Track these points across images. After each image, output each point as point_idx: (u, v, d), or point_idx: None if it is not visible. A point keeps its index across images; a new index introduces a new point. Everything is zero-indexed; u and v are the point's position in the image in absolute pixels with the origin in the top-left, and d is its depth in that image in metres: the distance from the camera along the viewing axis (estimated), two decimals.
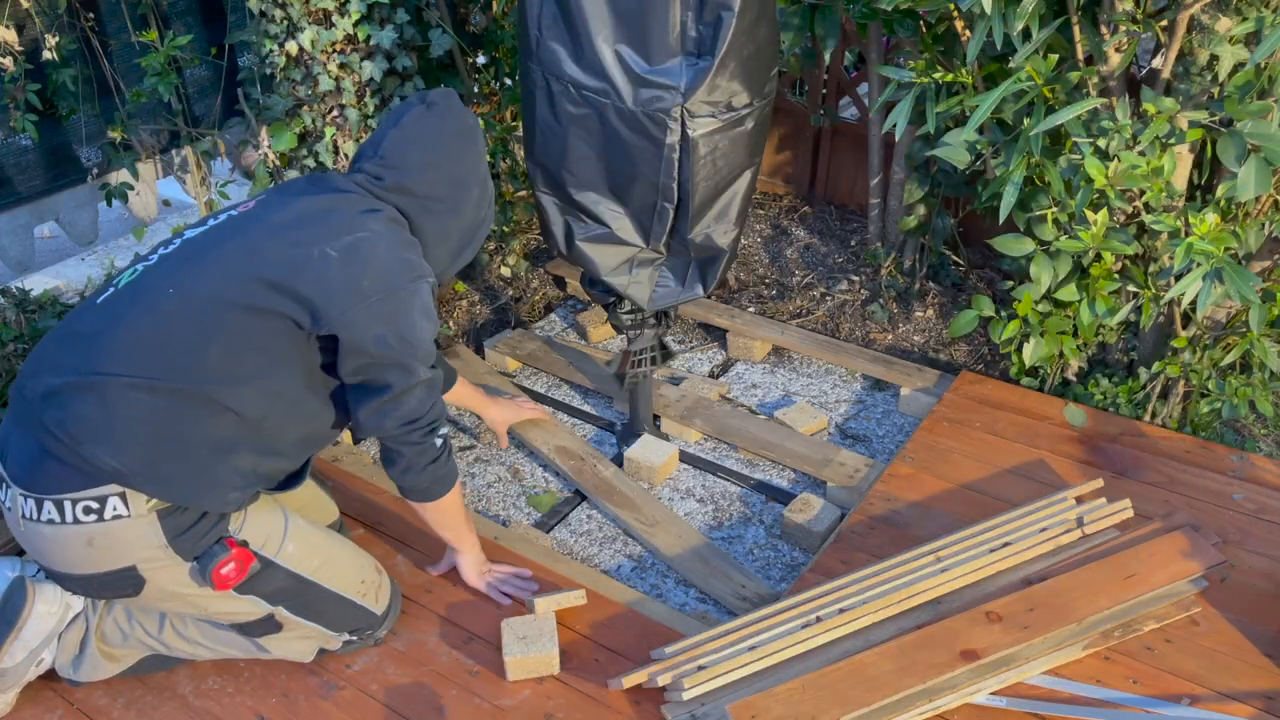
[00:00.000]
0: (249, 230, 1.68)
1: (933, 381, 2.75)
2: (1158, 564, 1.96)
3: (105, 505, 1.58)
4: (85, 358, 1.59)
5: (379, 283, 1.65)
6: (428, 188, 1.78)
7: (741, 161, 2.16)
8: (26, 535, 1.62)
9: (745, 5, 1.94)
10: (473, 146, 1.83)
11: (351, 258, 1.64)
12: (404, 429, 1.73)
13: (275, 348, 1.63)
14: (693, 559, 2.27)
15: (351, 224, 1.67)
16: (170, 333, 1.59)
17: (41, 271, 3.13)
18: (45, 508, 1.58)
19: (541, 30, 2.06)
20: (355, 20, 2.56)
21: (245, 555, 1.68)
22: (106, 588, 1.66)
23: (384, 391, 1.69)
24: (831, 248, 3.45)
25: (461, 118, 1.81)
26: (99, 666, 1.82)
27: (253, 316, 1.61)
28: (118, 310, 1.63)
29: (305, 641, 1.86)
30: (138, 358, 1.58)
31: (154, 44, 2.71)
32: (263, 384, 1.64)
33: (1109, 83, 2.31)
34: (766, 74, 2.11)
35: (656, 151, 2.06)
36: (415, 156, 1.76)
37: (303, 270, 1.61)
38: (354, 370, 1.68)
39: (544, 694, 1.85)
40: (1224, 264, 2.03)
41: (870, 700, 1.72)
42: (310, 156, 2.75)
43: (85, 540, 1.59)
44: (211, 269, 1.63)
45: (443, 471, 1.83)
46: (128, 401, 1.56)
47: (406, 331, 1.67)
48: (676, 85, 1.99)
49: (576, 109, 2.07)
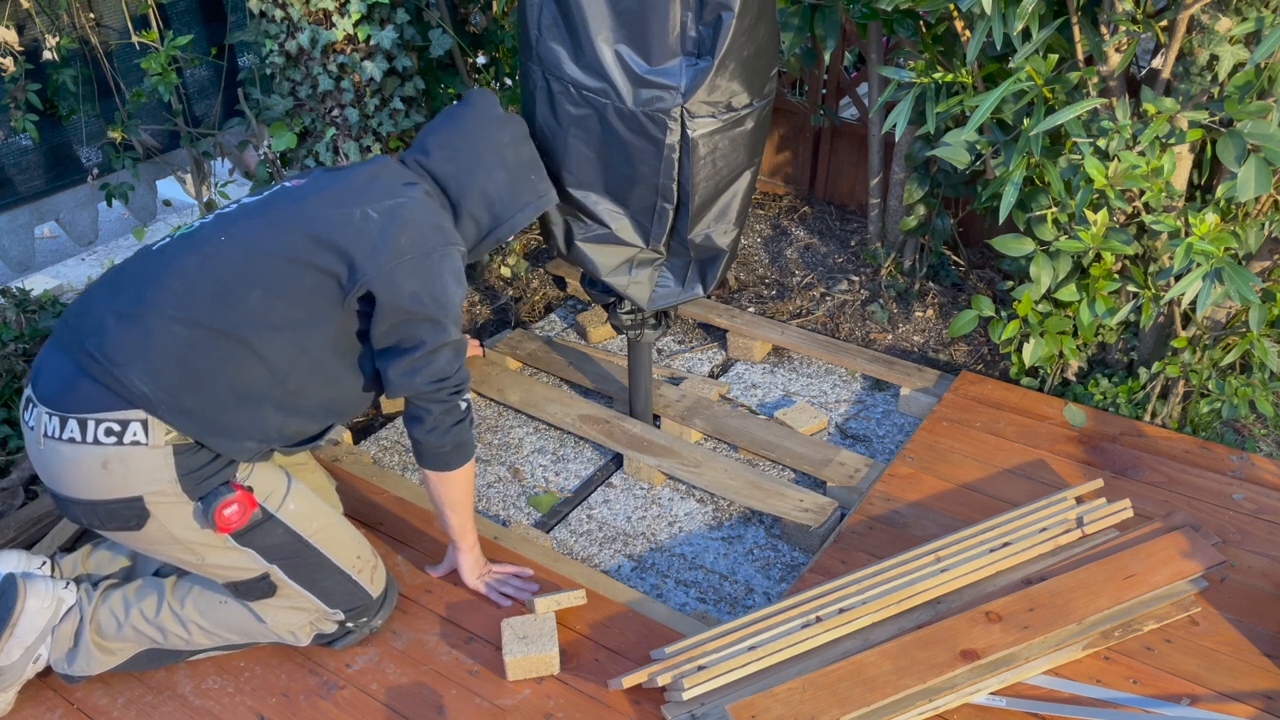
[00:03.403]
0: (299, 195, 1.79)
1: (933, 381, 2.75)
2: (1158, 564, 1.96)
3: (126, 429, 1.63)
4: (134, 294, 1.67)
5: (415, 243, 1.75)
6: (446, 168, 1.90)
7: (741, 162, 2.16)
8: (44, 454, 1.66)
9: (745, 6, 1.94)
10: (495, 132, 1.94)
11: (391, 219, 1.75)
12: (434, 385, 1.79)
13: (312, 303, 1.71)
14: (748, 487, 2.40)
15: (392, 191, 1.80)
16: (215, 273, 1.68)
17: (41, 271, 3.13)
18: (69, 425, 1.63)
19: (541, 30, 2.06)
20: (355, 20, 2.56)
21: (248, 499, 1.72)
22: (112, 517, 1.69)
23: (416, 349, 1.77)
24: (831, 248, 3.45)
25: (486, 108, 1.96)
26: (93, 659, 1.82)
27: (295, 268, 1.70)
28: (169, 255, 1.72)
29: (300, 613, 1.86)
30: (181, 292, 1.66)
31: (154, 44, 2.71)
32: (294, 335, 1.71)
33: (1109, 83, 2.31)
34: (766, 74, 2.11)
35: (656, 152, 2.06)
36: (436, 140, 1.93)
37: (345, 227, 1.72)
38: (388, 330, 1.76)
39: (544, 694, 1.85)
40: (1224, 264, 2.03)
41: (870, 700, 1.72)
42: (310, 156, 2.75)
43: (100, 462, 1.63)
44: (260, 224, 1.74)
45: (464, 436, 1.88)
46: (167, 332, 1.64)
47: (439, 292, 1.76)
48: (676, 85, 1.99)
49: (576, 109, 2.07)
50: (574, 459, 2.65)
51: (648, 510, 2.47)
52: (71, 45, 2.69)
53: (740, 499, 2.38)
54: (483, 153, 1.92)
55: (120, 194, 2.91)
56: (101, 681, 1.87)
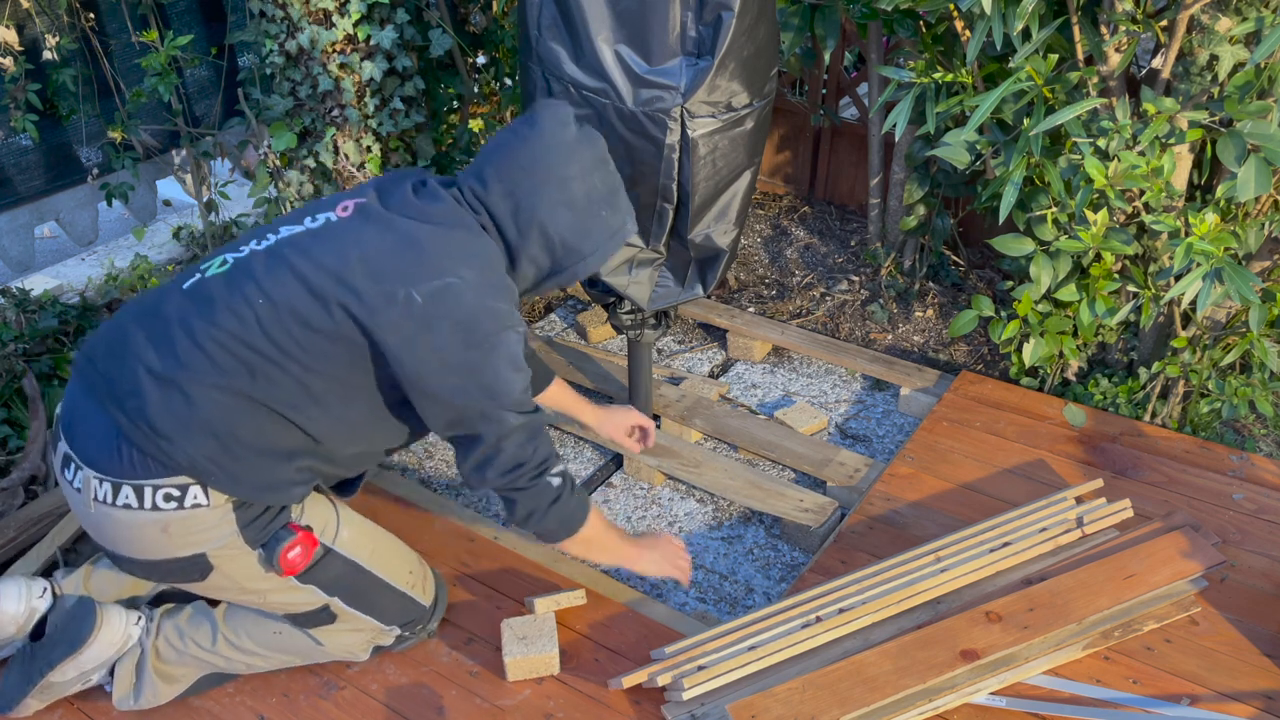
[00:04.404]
0: (344, 245, 1.60)
1: (933, 381, 2.75)
2: (1158, 564, 1.96)
3: (186, 493, 1.59)
4: (170, 351, 1.57)
5: (461, 335, 1.58)
6: (502, 206, 1.67)
7: (741, 162, 2.16)
8: (96, 518, 1.62)
9: (745, 6, 1.94)
10: (561, 162, 1.66)
11: (436, 305, 1.57)
12: (509, 477, 1.68)
13: (350, 379, 1.62)
14: (748, 487, 2.40)
15: (443, 266, 1.59)
16: (253, 343, 1.57)
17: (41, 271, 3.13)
18: (123, 492, 1.58)
19: (541, 30, 2.06)
20: (355, 20, 2.56)
21: (309, 539, 1.70)
22: (173, 573, 1.67)
23: (479, 443, 1.66)
24: (831, 248, 3.45)
25: (553, 129, 1.67)
26: (158, 690, 1.81)
27: (333, 345, 1.58)
28: (205, 302, 1.60)
29: (358, 634, 1.85)
30: (221, 360, 1.57)
31: (154, 44, 2.71)
32: (334, 408, 1.64)
33: (1109, 83, 2.31)
34: (766, 74, 2.11)
35: (656, 152, 2.06)
36: (494, 169, 1.68)
37: (386, 309, 1.56)
38: (442, 424, 1.66)
39: (544, 694, 1.85)
40: (1224, 264, 2.03)
41: (870, 700, 1.72)
42: (310, 156, 2.75)
43: (160, 527, 1.60)
44: (297, 285, 1.58)
45: (569, 509, 1.75)
46: (209, 401, 1.56)
47: (491, 382, 1.61)
48: (676, 85, 1.99)
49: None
50: (574, 459, 2.65)
51: (648, 510, 2.47)
52: (71, 45, 2.69)
53: (740, 499, 2.38)
54: (545, 187, 1.66)
55: (120, 194, 2.91)
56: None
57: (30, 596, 1.81)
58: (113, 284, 3.02)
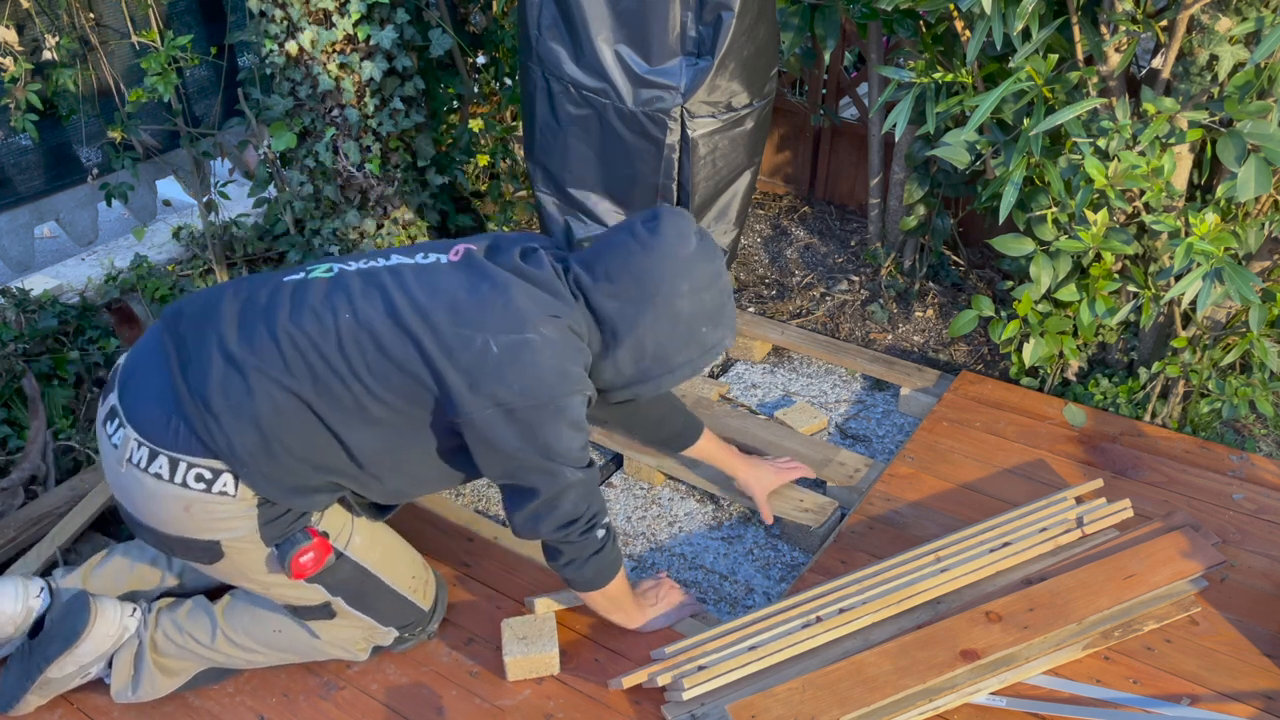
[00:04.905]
0: (439, 286, 1.64)
1: (933, 381, 2.75)
2: (1158, 564, 1.96)
3: (217, 480, 1.60)
4: (248, 335, 1.61)
5: (529, 391, 1.59)
6: (607, 305, 1.68)
7: (741, 162, 2.16)
8: (125, 479, 1.63)
9: (745, 6, 1.94)
10: (674, 277, 1.66)
11: (512, 358, 1.59)
12: (562, 532, 1.71)
13: (410, 412, 1.63)
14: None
15: (525, 321, 1.61)
16: (326, 354, 1.60)
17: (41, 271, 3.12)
18: (158, 461, 1.59)
19: (541, 30, 2.06)
20: (355, 20, 2.56)
21: (324, 545, 1.70)
22: (184, 550, 1.68)
23: (533, 496, 1.67)
24: (831, 248, 3.45)
25: (675, 241, 1.66)
26: (156, 682, 1.81)
27: (401, 376, 1.60)
28: (297, 302, 1.64)
29: (354, 630, 1.85)
30: (291, 360, 1.59)
31: (154, 44, 2.71)
32: (386, 435, 1.65)
33: (1109, 83, 2.31)
34: (766, 74, 2.11)
35: (656, 152, 2.06)
36: (605, 265, 1.68)
37: (461, 352, 1.58)
38: (501, 473, 1.67)
39: (544, 694, 1.85)
40: (1224, 264, 2.03)
41: (870, 700, 1.72)
42: (310, 156, 2.75)
43: (183, 505, 1.61)
44: (384, 310, 1.61)
45: (607, 561, 1.80)
46: (266, 395, 1.58)
47: (551, 440, 1.62)
48: (676, 85, 1.99)
49: (576, 109, 2.07)
50: None
51: (647, 510, 2.47)
52: (71, 45, 2.68)
53: (742, 500, 2.38)
54: (653, 299, 1.66)
55: (120, 194, 2.91)
56: (101, 681, 1.86)
57: (27, 596, 1.82)
58: (112, 284, 3.02)
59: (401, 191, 2.85)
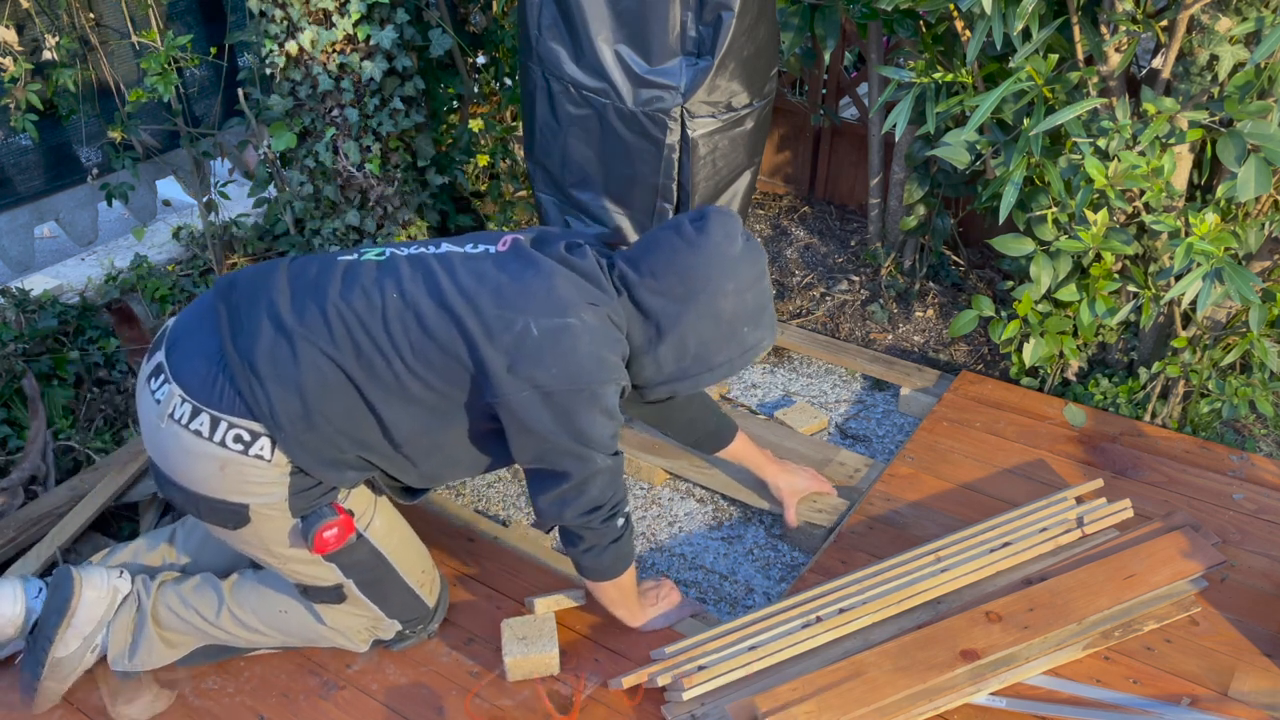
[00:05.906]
0: (485, 273, 1.67)
1: (933, 381, 2.75)
2: (1158, 564, 1.96)
3: (255, 442, 1.62)
4: (300, 308, 1.65)
5: (566, 375, 1.61)
6: (651, 302, 1.69)
7: (741, 162, 2.16)
8: (163, 435, 1.65)
9: (745, 6, 1.94)
10: (720, 277, 1.67)
11: (552, 342, 1.61)
12: (586, 517, 1.72)
13: (448, 392, 1.66)
14: (755, 483, 2.36)
15: (567, 307, 1.63)
16: (371, 330, 1.63)
17: (41, 271, 3.12)
18: (200, 418, 1.61)
19: (541, 30, 2.06)
20: (355, 20, 2.56)
21: (348, 523, 1.72)
22: (211, 512, 1.69)
23: (563, 480, 1.69)
24: (831, 248, 3.45)
25: (722, 242, 1.68)
26: (155, 651, 1.82)
27: (443, 357, 1.63)
28: (349, 280, 1.68)
29: (360, 619, 1.86)
30: (338, 332, 1.62)
31: (154, 44, 2.71)
32: (422, 415, 1.67)
33: (1109, 83, 2.31)
34: (766, 74, 2.11)
35: (656, 152, 2.06)
36: (651, 263, 1.70)
37: (501, 334, 1.61)
38: (532, 457, 1.68)
39: (544, 694, 1.85)
40: (1224, 264, 2.03)
41: (870, 700, 1.72)
42: (310, 156, 2.75)
43: (219, 464, 1.63)
44: (430, 292, 1.65)
45: (624, 550, 1.81)
46: (312, 365, 1.61)
47: (584, 426, 1.65)
48: (676, 85, 1.99)
49: (576, 109, 2.08)
50: None
51: (647, 510, 2.47)
52: (71, 45, 2.69)
53: (747, 499, 2.37)
54: (697, 298, 1.68)
55: (120, 194, 2.91)
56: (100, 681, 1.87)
57: (26, 597, 1.82)
58: (112, 284, 3.02)
59: (401, 191, 2.85)
